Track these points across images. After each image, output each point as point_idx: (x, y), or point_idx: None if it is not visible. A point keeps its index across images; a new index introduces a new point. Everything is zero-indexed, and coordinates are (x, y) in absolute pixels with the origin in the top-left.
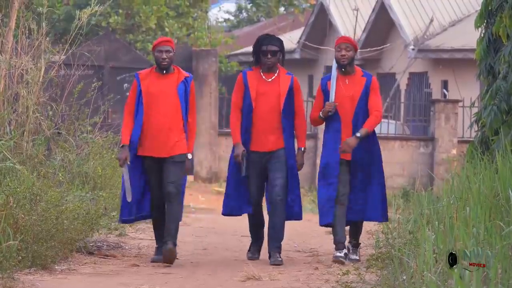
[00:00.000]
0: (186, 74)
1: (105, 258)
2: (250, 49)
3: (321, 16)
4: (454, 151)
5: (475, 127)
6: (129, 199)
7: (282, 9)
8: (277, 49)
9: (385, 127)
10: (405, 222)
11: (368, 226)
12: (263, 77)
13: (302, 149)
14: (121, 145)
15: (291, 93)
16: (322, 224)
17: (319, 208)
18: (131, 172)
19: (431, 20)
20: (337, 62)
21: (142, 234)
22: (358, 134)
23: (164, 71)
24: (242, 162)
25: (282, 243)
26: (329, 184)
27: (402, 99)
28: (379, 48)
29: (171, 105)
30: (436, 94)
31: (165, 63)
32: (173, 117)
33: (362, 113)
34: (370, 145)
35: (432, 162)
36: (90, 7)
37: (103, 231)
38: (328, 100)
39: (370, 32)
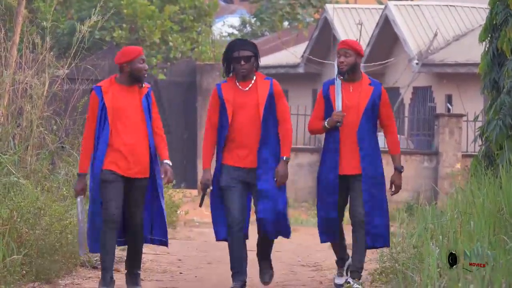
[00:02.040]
0: (147, 85)
1: None
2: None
3: (325, 30)
4: (458, 165)
5: (479, 141)
6: (82, 253)
7: (286, 23)
8: (250, 54)
9: None
10: (409, 237)
11: None
12: (239, 87)
13: (285, 158)
14: (78, 173)
15: (271, 99)
16: (326, 241)
17: (318, 226)
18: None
19: (435, 35)
20: (337, 68)
21: (146, 248)
22: (401, 169)
23: (141, 85)
24: (203, 192)
25: (286, 257)
26: (329, 200)
27: (406, 113)
28: (383, 62)
29: (138, 121)
30: (440, 109)
31: (146, 75)
32: (142, 134)
33: (367, 125)
34: (376, 160)
35: (436, 176)
36: (90, 19)
37: None
38: (329, 108)
39: (374, 46)
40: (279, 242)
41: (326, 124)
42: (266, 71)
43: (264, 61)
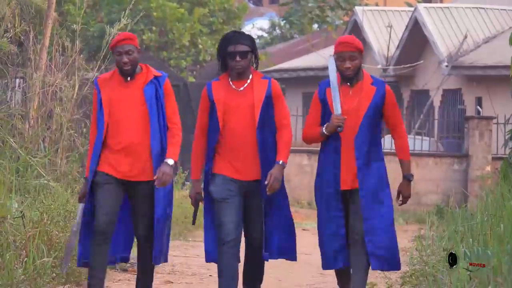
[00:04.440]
0: (157, 73)
1: None
2: (284, 66)
3: (354, 33)
4: (488, 168)
5: (510, 144)
6: (64, 266)
7: (315, 26)
8: (247, 49)
9: (419, 144)
10: (439, 239)
11: (402, 243)
12: (233, 86)
13: (280, 163)
14: (84, 177)
15: (269, 101)
16: (329, 268)
17: (321, 248)
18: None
19: (465, 37)
20: (341, 73)
21: (176, 251)
22: (410, 177)
23: (129, 78)
24: (194, 207)
25: (315, 260)
26: (333, 218)
27: (436, 116)
28: (412, 65)
29: (138, 116)
30: (470, 111)
31: (128, 68)
32: (143, 131)
33: (368, 130)
34: (379, 169)
35: (466, 179)
36: (119, 22)
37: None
38: (327, 112)
39: (404, 49)
40: (306, 246)
41: (324, 131)
42: (295, 74)
43: (293, 63)
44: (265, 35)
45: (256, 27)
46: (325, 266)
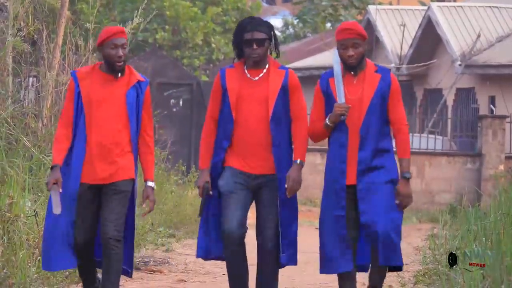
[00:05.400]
0: (140, 77)
1: (152, 273)
2: (297, 64)
3: (367, 31)
4: (501, 167)
5: None
6: (57, 211)
7: (328, 24)
8: (265, 37)
9: (432, 142)
10: (452, 238)
11: (415, 242)
12: (248, 75)
13: (298, 162)
14: (51, 166)
15: (285, 93)
16: (329, 272)
17: (321, 249)
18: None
19: (478, 36)
20: (343, 62)
21: (189, 250)
22: (408, 175)
23: (119, 74)
24: (202, 199)
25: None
26: (335, 217)
27: (449, 115)
28: (426, 63)
29: (118, 118)
30: (483, 110)
31: (121, 63)
32: (120, 134)
33: (373, 121)
34: (386, 164)
35: (479, 178)
36: (132, 21)
37: (150, 247)
38: (331, 103)
39: (417, 47)
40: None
41: (327, 122)
42: (308, 73)
43: (306, 62)
44: (278, 33)
45: None
46: (324, 269)
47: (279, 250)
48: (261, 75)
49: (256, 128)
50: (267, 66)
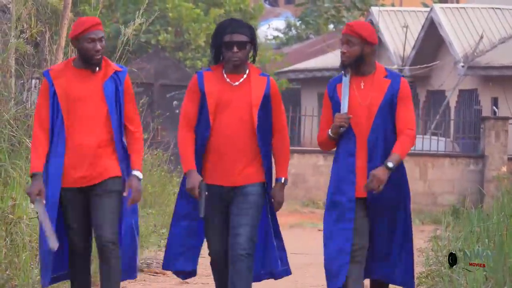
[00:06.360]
0: (116, 67)
1: (155, 275)
2: (299, 66)
3: None
4: (504, 169)
5: None
6: (54, 245)
7: (331, 26)
8: (246, 40)
9: (434, 144)
10: (455, 240)
11: (418, 243)
12: (227, 79)
13: (282, 181)
14: (30, 174)
15: (267, 101)
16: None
17: (326, 265)
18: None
19: (481, 37)
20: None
21: None
22: (390, 164)
23: (97, 68)
24: (200, 197)
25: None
26: (341, 231)
27: (452, 116)
28: (428, 65)
29: (99, 114)
30: (486, 111)
31: (99, 56)
32: (101, 131)
33: (382, 129)
34: (399, 179)
35: (482, 180)
36: (134, 22)
37: (153, 248)
38: (337, 111)
39: (420, 49)
40: (322, 247)
41: (330, 133)
42: (311, 74)
43: (309, 64)
44: (281, 35)
45: (272, 27)
46: (332, 285)
47: (252, 261)
48: (241, 80)
49: (236, 134)
50: (247, 71)
